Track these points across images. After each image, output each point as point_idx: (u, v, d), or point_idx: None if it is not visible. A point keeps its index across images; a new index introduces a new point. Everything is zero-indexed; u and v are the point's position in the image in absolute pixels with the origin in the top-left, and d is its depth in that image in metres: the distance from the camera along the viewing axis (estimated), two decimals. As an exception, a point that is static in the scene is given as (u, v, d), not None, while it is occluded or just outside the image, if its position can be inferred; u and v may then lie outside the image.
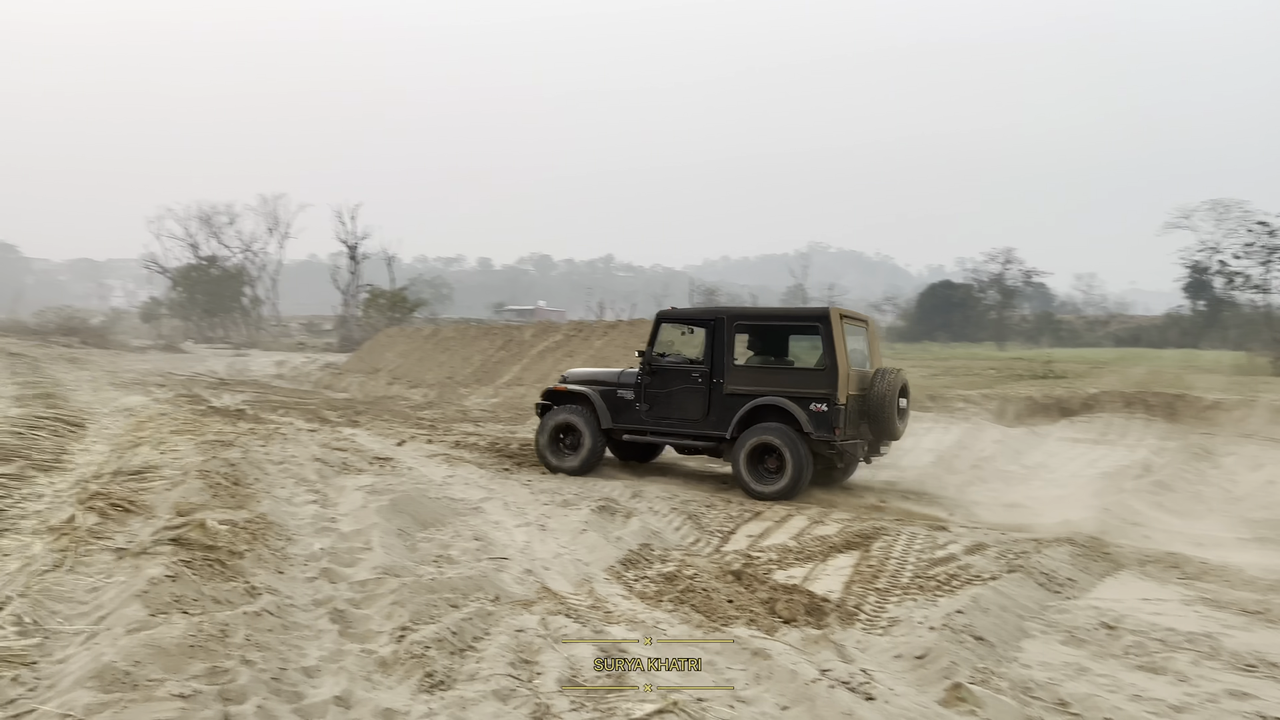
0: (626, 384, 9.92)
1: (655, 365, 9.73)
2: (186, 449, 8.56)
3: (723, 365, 9.36)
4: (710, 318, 9.61)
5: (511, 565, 5.68)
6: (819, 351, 9.11)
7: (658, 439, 9.89)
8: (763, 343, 9.98)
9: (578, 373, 10.87)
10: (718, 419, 9.28)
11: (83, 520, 5.60)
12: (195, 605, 4.13)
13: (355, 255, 51.28)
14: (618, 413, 9.85)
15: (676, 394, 9.58)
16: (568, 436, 9.92)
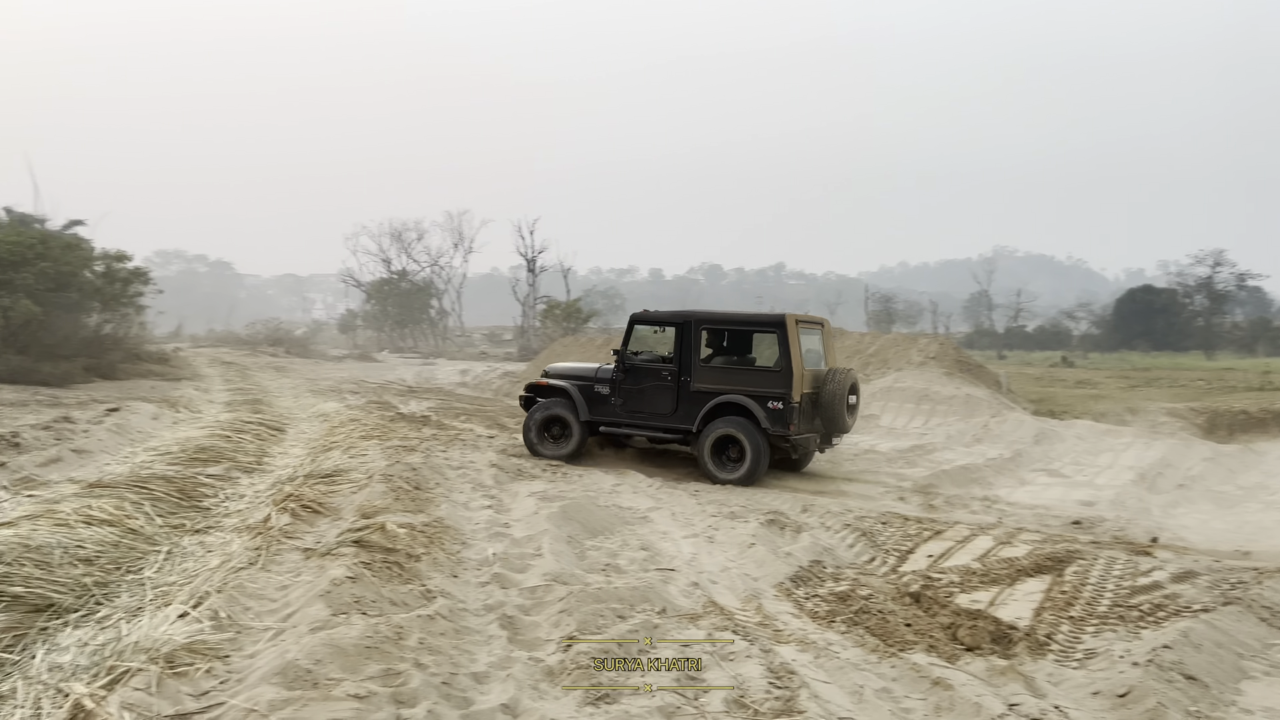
0: (603, 380, 10.57)
1: (629, 363, 10.44)
2: (374, 454, 8.98)
3: (690, 364, 10.10)
4: (678, 320, 10.35)
5: (678, 577, 5.60)
6: (774, 353, 9.92)
7: (631, 431, 10.59)
8: (726, 344, 10.66)
9: (559, 368, 11.68)
10: (685, 413, 10.01)
11: (276, 520, 5.94)
12: (373, 606, 4.26)
13: (533, 268, 52.96)
14: (594, 406, 10.51)
15: (648, 390, 10.29)
16: (555, 427, 10.62)
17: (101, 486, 6.80)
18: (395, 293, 60.61)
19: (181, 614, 4.03)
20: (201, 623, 3.89)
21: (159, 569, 5.07)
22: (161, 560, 5.23)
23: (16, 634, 3.89)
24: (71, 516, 5.56)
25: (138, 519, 5.87)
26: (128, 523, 5.74)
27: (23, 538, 4.98)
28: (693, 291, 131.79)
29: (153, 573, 4.98)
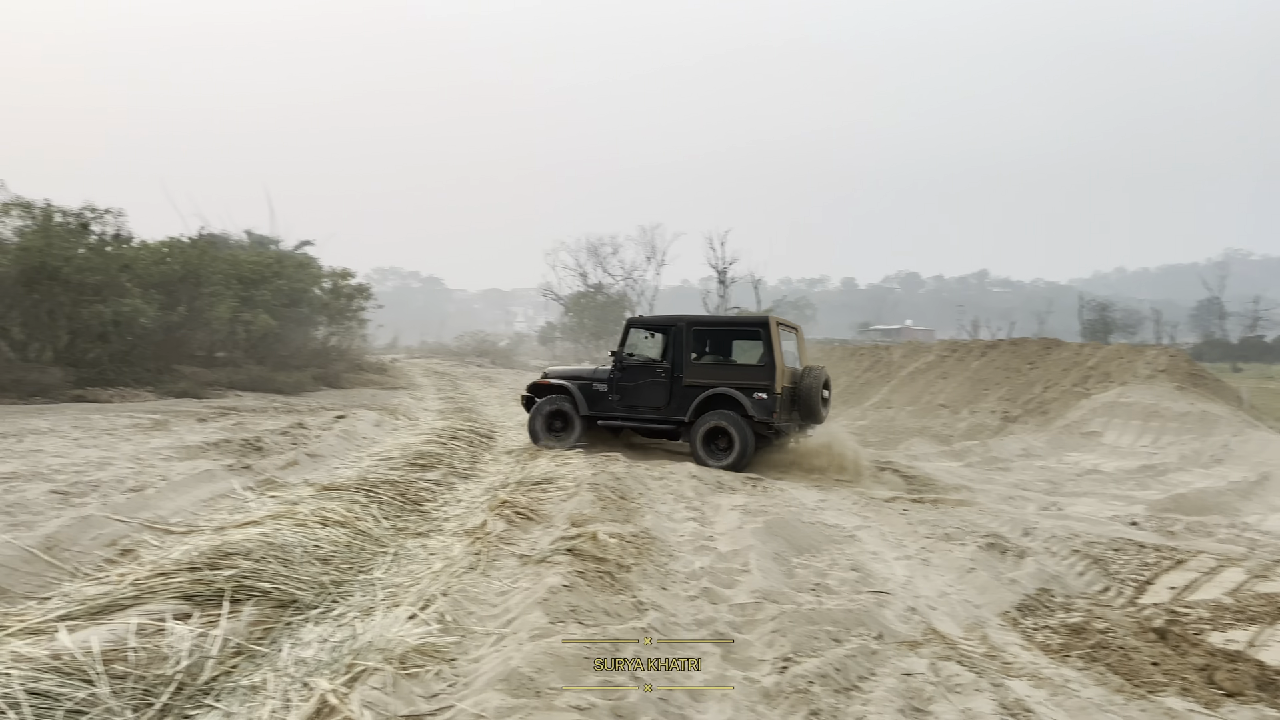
0: (601, 379, 11.67)
1: (625, 363, 11.56)
2: (579, 462, 9.16)
3: (682, 362, 11.20)
4: (671, 323, 11.60)
5: (893, 601, 5.35)
6: (759, 351, 11.05)
7: (627, 424, 11.59)
8: (714, 344, 11.70)
9: (558, 370, 12.62)
10: (677, 407, 11.09)
11: (493, 526, 6.13)
12: (589, 616, 4.29)
13: (724, 279, 53.06)
14: (594, 402, 11.58)
15: (643, 386, 11.38)
16: (558, 421, 11.61)
17: (333, 489, 7.25)
18: (591, 305, 62.28)
19: (410, 616, 4.19)
20: (429, 625, 4.03)
21: (387, 570, 5.32)
22: (389, 561, 5.50)
23: (265, 627, 4.16)
24: (309, 517, 5.94)
25: (366, 521, 6.21)
26: (358, 524, 6.08)
27: (268, 536, 5.36)
28: (888, 300, 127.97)
29: (382, 573, 5.23)
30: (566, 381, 11.81)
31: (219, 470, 7.95)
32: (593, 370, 11.99)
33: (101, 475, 7.45)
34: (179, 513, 6.51)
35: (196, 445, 9.32)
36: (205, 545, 5.14)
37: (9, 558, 4.88)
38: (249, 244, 33.04)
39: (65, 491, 6.70)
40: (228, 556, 4.88)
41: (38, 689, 3.10)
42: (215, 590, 4.40)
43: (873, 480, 10.36)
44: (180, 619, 3.96)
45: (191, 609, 4.17)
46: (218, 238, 28.67)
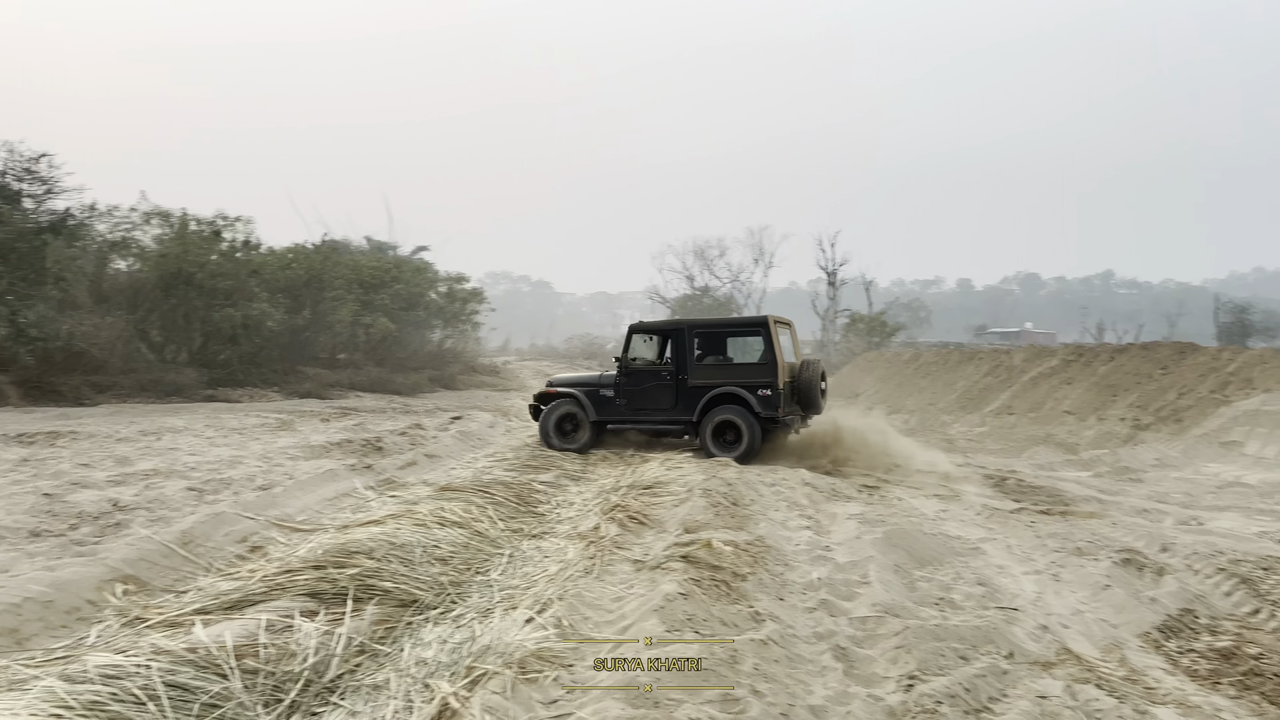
0: (607, 384, 12.02)
1: (631, 368, 11.90)
2: (690, 467, 9.10)
3: (686, 364, 11.64)
4: (673, 328, 12.07)
5: (1023, 618, 5.10)
6: (759, 350, 11.64)
7: (635, 427, 11.99)
8: (715, 345, 12.11)
9: (562, 377, 13.09)
10: (684, 407, 11.52)
11: (606, 530, 6.12)
12: (705, 625, 4.22)
13: (834, 281, 52.24)
14: (601, 407, 11.93)
15: (649, 390, 11.78)
16: (568, 425, 11.93)
17: (450, 490, 7.38)
18: (698, 308, 62.20)
19: (528, 619, 4.20)
20: (546, 630, 4.02)
21: (503, 571, 5.36)
22: (505, 563, 5.54)
23: (387, 627, 4.22)
24: (428, 518, 6.04)
25: (483, 522, 6.28)
26: (474, 525, 6.15)
27: (389, 535, 5.47)
28: (1005, 303, 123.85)
29: (498, 575, 5.27)
30: (574, 389, 12.15)
31: (342, 470, 8.19)
32: (598, 376, 12.39)
33: (233, 473, 7.76)
34: (304, 511, 6.72)
35: (320, 445, 9.63)
36: (330, 544, 5.27)
37: (149, 552, 5.11)
38: (369, 249, 34.16)
39: (199, 489, 7.00)
40: (351, 555, 4.99)
41: (175, 681, 3.21)
42: (339, 588, 4.50)
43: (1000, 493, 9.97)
44: (307, 616, 4.06)
45: (318, 606, 4.27)
46: (339, 244, 29.73)
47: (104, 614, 4.26)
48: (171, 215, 21.22)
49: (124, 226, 20.84)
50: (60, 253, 18.99)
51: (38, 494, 6.42)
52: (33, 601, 4.13)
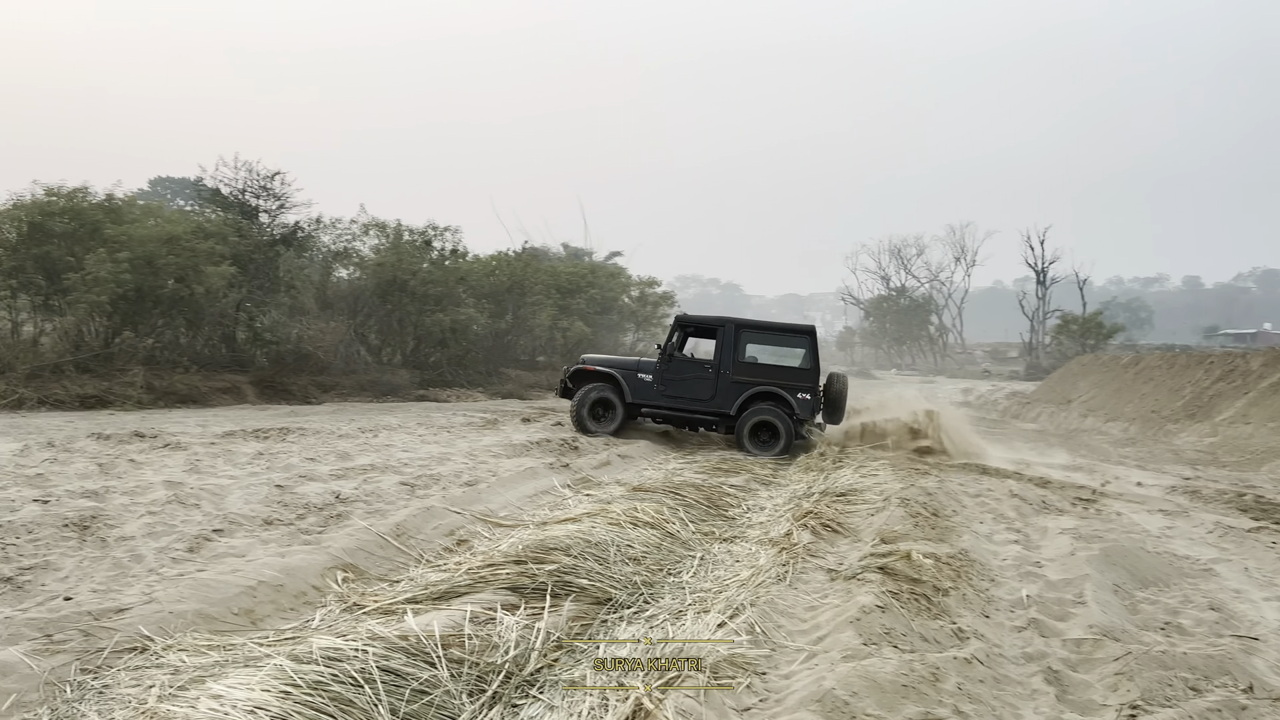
0: (646, 369, 12.39)
1: (675, 357, 12.32)
2: (886, 474, 8.82)
3: (729, 360, 12.11)
4: (720, 324, 12.56)
5: (1264, 648, 4.61)
6: (802, 355, 12.29)
7: (670, 414, 12.45)
8: (759, 346, 12.60)
9: (595, 356, 13.23)
10: (722, 400, 11.99)
11: (799, 537, 6.02)
12: (904, 640, 4.06)
13: (1043, 280, 49.40)
14: (637, 391, 12.25)
15: (689, 380, 12.19)
16: (600, 408, 12.20)
17: (642, 490, 7.47)
18: (894, 310, 60.44)
19: (720, 624, 4.18)
20: (739, 636, 3.99)
21: (694, 574, 5.37)
22: (696, 565, 5.54)
23: (583, 623, 4.31)
24: (621, 517, 6.14)
25: (674, 523, 6.32)
26: (666, 526, 6.20)
27: (585, 533, 5.59)
28: (1240, 302, 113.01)
29: (689, 577, 5.28)
30: (613, 370, 12.46)
31: (541, 468, 8.47)
32: (637, 361, 12.85)
33: (441, 469, 8.18)
34: (506, 507, 6.99)
35: (521, 444, 10.01)
36: (529, 539, 5.45)
37: (366, 542, 5.46)
38: (565, 256, 35.27)
39: (412, 484, 7.41)
40: (549, 551, 5.13)
41: (388, 667, 3.39)
42: (539, 584, 4.64)
43: (1238, 511, 9.08)
44: (508, 610, 4.20)
45: (518, 600, 4.42)
46: (539, 251, 30.88)
47: (326, 599, 4.58)
48: (387, 226, 22.70)
49: (345, 237, 22.47)
50: (291, 263, 20.72)
51: (270, 485, 7.00)
52: (266, 585, 4.49)
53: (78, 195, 17.05)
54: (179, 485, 6.79)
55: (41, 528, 5.24)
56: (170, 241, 16.97)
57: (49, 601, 4.14)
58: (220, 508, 6.16)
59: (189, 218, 20.11)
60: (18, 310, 17.00)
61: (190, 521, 5.70)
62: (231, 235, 18.74)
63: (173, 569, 4.76)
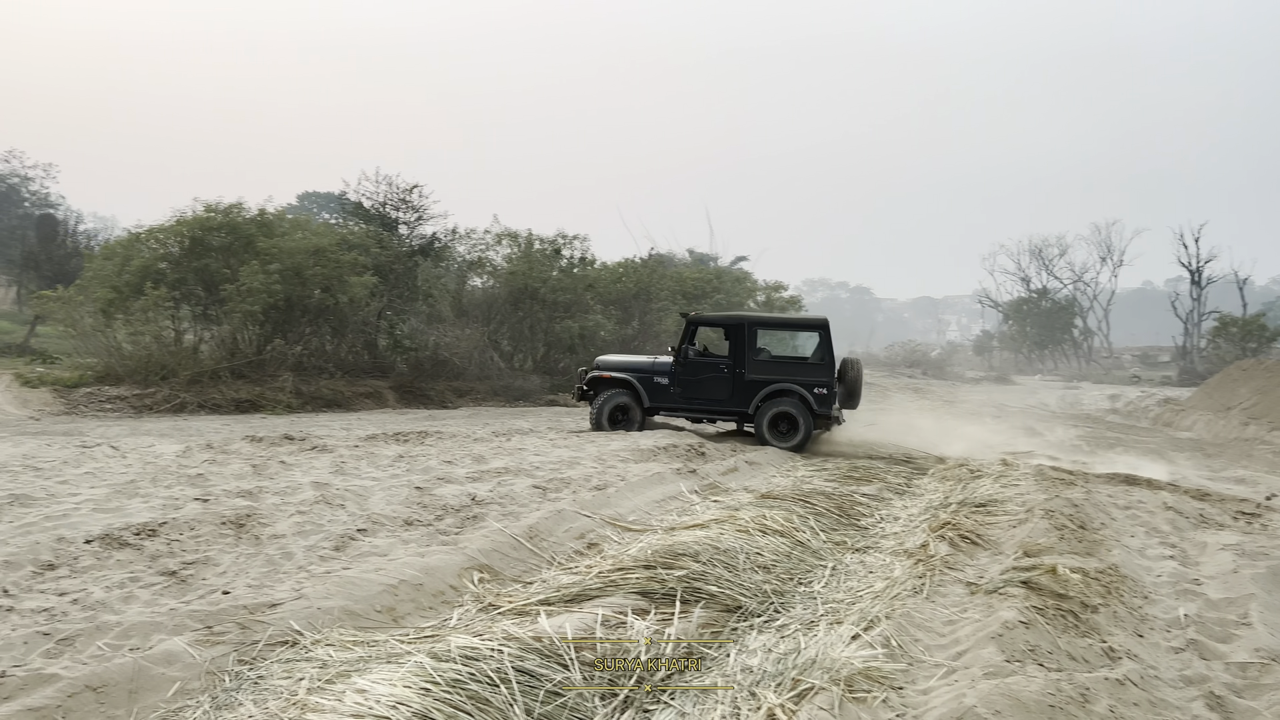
0: (661, 371, 12.52)
1: (688, 358, 12.44)
2: (1027, 484, 8.47)
3: (744, 358, 12.25)
4: (734, 322, 12.68)
5: None
6: (815, 348, 12.37)
7: (688, 414, 12.70)
8: (773, 342, 13.09)
9: (610, 360, 13.27)
10: (740, 399, 12.18)
11: (936, 549, 5.83)
12: (1050, 659, 3.88)
13: (1198, 280, 46.55)
14: (655, 394, 12.47)
15: (705, 380, 12.33)
16: (619, 412, 12.48)
17: (771, 498, 7.40)
18: (1034, 312, 58.03)
19: (854, 635, 4.09)
20: (874, 648, 3.89)
21: (826, 584, 5.27)
22: (827, 575, 5.44)
23: (713, 630, 4.29)
24: (750, 524, 6.09)
25: (804, 532, 6.23)
26: (796, 535, 6.11)
27: (713, 540, 5.56)
28: None
29: (821, 587, 5.19)
30: (628, 374, 12.61)
31: (668, 473, 8.50)
32: (651, 362, 12.83)
33: (571, 473, 8.31)
34: (635, 511, 7.03)
35: (649, 449, 10.06)
36: (658, 544, 5.47)
37: (500, 544, 5.59)
38: (691, 261, 35.33)
39: (543, 487, 7.56)
40: (678, 557, 5.14)
41: (523, 667, 3.46)
42: (668, 589, 4.65)
43: None
44: (639, 614, 4.22)
45: (648, 605, 4.44)
46: (664, 257, 31.04)
47: (463, 599, 4.70)
48: (519, 236, 23.26)
49: (479, 247, 23.15)
50: (428, 272, 21.47)
51: (410, 487, 7.26)
52: (407, 584, 4.65)
53: (234, 211, 18.13)
54: (326, 486, 7.12)
55: (202, 525, 5.58)
56: (317, 253, 17.84)
57: (209, 595, 4.40)
58: (364, 508, 6.42)
59: (334, 230, 21.11)
60: (180, 320, 18.20)
61: (336, 521, 5.96)
62: (373, 247, 19.57)
63: (320, 566, 4.99)
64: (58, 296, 18.12)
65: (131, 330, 17.30)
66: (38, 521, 5.57)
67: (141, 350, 17.04)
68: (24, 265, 37.52)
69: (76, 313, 17.90)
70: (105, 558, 4.90)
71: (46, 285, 25.03)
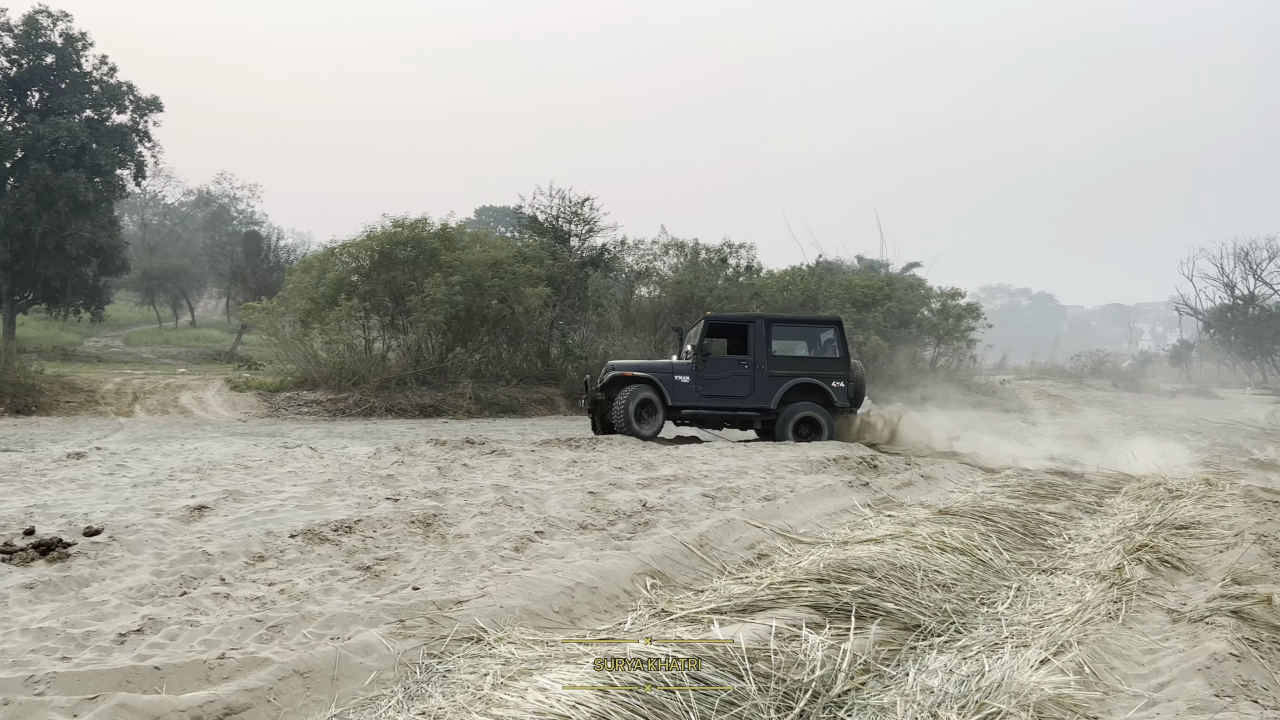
0: (682, 371, 12.55)
1: (708, 355, 12.50)
2: (1235, 506, 7.83)
3: (764, 355, 12.49)
4: (751, 320, 12.89)
5: None
6: (832, 345, 12.97)
7: (710, 413, 12.65)
8: (790, 339, 13.14)
9: (625, 364, 13.09)
10: (761, 396, 12.37)
11: (1132, 572, 5.48)
12: (1265, 695, 3.57)
13: None
14: (677, 394, 12.43)
15: (726, 378, 12.39)
16: (644, 411, 12.29)
17: (950, 514, 7.14)
18: (1240, 320, 53.48)
19: (1042, 660, 3.89)
20: (1066, 675, 3.69)
21: (1010, 605, 5.04)
22: (1012, 596, 5.21)
23: (890, 648, 4.18)
24: (927, 541, 5.90)
25: (986, 550, 5.98)
26: (977, 553, 5.88)
27: (888, 555, 5.43)
28: None
29: (1005, 608, 4.97)
30: (652, 375, 12.54)
31: (839, 486, 8.35)
32: (670, 363, 12.87)
33: (740, 483, 8.29)
34: (805, 523, 6.95)
35: (818, 460, 9.92)
36: (830, 558, 5.39)
37: (671, 551, 5.65)
38: (859, 268, 34.61)
39: (712, 495, 7.58)
40: (852, 572, 5.04)
41: (697, 675, 3.48)
42: (842, 604, 4.57)
43: None
44: (813, 628, 4.17)
45: (821, 619, 4.37)
46: (832, 264, 30.54)
47: (636, 604, 4.78)
48: (685, 246, 23.46)
49: (647, 258, 23.49)
50: (598, 283, 21.96)
51: (584, 491, 7.43)
52: (583, 586, 4.77)
53: (419, 226, 19.15)
54: (505, 489, 7.40)
55: (393, 523, 5.91)
56: (495, 266, 18.60)
57: (400, 590, 4.66)
58: (541, 511, 6.63)
59: (510, 243, 21.95)
60: (370, 329, 19.36)
61: (515, 523, 6.18)
62: (546, 259, 20.20)
63: (501, 566, 5.19)
64: (262, 307, 19.67)
65: (327, 339, 18.55)
66: (248, 516, 6.06)
67: (335, 358, 18.24)
68: (232, 279, 40.97)
69: (278, 322, 19.37)
70: (308, 551, 5.26)
71: (252, 297, 27.24)
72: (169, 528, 5.56)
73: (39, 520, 5.55)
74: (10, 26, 30.07)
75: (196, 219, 61.61)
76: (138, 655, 3.58)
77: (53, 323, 36.43)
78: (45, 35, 30.46)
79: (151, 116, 32.86)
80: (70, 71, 31.07)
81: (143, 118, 32.73)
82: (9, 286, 30.65)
